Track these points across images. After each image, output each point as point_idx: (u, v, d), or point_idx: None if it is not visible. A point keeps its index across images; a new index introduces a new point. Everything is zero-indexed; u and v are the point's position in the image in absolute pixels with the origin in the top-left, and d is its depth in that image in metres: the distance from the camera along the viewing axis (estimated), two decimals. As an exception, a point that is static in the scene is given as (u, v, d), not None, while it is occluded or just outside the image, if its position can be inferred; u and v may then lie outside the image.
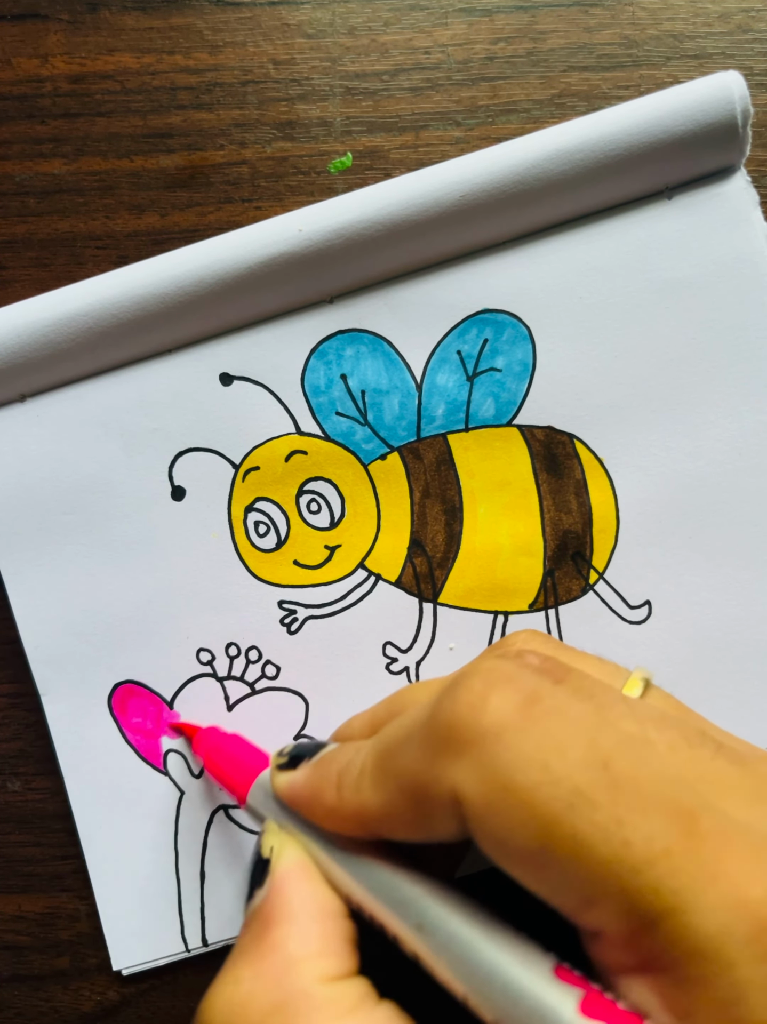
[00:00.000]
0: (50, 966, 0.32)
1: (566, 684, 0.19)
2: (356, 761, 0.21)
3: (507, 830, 0.17)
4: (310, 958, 0.20)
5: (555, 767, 0.17)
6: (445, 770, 0.18)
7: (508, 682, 0.18)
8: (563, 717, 0.18)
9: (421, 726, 0.19)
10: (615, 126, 0.30)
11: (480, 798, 0.17)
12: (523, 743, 0.17)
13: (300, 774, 0.22)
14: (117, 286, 0.30)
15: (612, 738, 0.17)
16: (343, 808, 0.20)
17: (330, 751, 0.23)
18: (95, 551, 0.32)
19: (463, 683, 0.19)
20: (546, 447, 0.32)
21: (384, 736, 0.21)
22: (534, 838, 0.17)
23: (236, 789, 0.26)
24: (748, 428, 0.31)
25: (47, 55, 0.34)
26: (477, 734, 0.18)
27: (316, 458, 0.32)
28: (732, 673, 0.31)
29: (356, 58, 0.33)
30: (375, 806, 0.20)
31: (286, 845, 0.22)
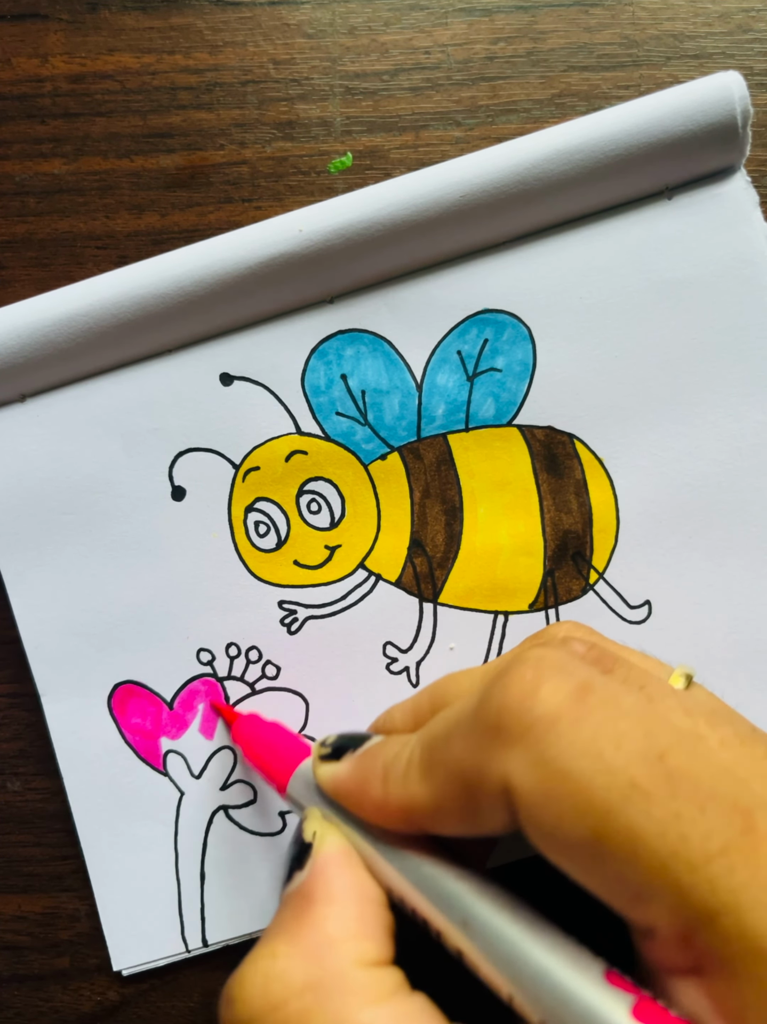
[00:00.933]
0: (50, 966, 0.32)
1: (615, 674, 0.19)
2: (403, 754, 0.21)
3: (560, 821, 0.17)
4: (349, 940, 0.19)
5: (611, 758, 0.16)
6: (496, 760, 0.18)
7: (559, 671, 0.18)
8: (617, 707, 0.17)
9: (470, 716, 0.19)
10: (615, 126, 0.30)
11: (533, 788, 0.17)
12: (577, 733, 0.17)
13: (344, 767, 0.22)
14: (117, 286, 0.30)
15: (667, 731, 0.17)
16: (390, 802, 0.20)
17: (375, 744, 0.22)
18: (95, 551, 0.32)
19: (514, 671, 0.18)
20: (546, 447, 0.32)
21: (432, 728, 0.20)
22: (588, 830, 0.16)
23: (276, 778, 0.26)
24: (748, 428, 0.31)
25: (47, 55, 0.34)
26: (529, 723, 0.17)
27: (316, 458, 0.32)
28: (732, 673, 0.31)
29: (356, 58, 0.33)
30: (423, 799, 0.19)
31: (329, 831, 0.22)
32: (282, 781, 0.25)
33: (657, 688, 0.18)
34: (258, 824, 0.32)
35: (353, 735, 0.24)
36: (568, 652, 0.19)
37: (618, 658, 0.19)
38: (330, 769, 0.23)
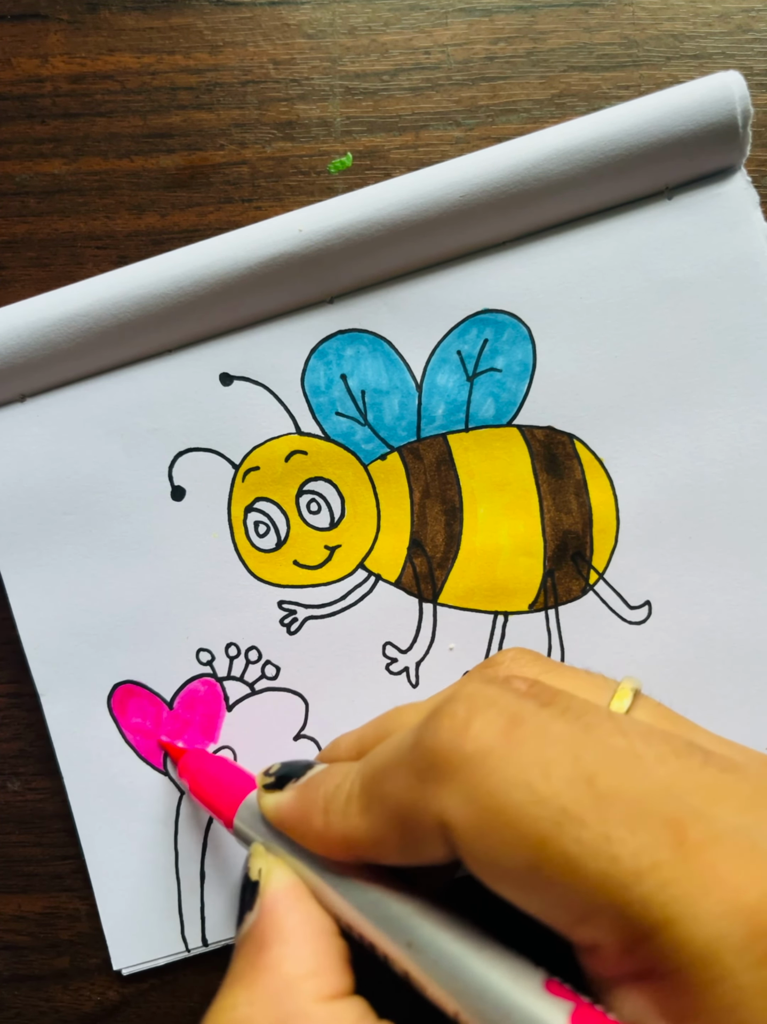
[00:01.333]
0: (50, 966, 0.32)
1: (553, 706, 0.19)
2: (344, 785, 0.21)
3: (496, 853, 0.17)
4: (306, 977, 0.19)
5: (540, 787, 0.17)
6: (432, 796, 0.18)
7: (490, 706, 0.18)
8: (546, 737, 0.18)
9: (407, 751, 0.19)
10: (615, 126, 0.30)
11: (468, 823, 0.17)
12: (507, 766, 0.17)
13: (287, 796, 0.22)
14: (117, 286, 0.30)
15: (597, 754, 0.17)
16: (330, 833, 0.20)
17: (317, 773, 0.22)
18: (95, 551, 0.32)
19: (446, 708, 0.19)
20: (546, 447, 0.32)
21: (370, 761, 0.21)
22: (523, 859, 0.17)
23: (223, 811, 0.26)
24: (748, 428, 0.31)
25: (47, 55, 0.34)
26: (461, 759, 0.18)
27: (316, 458, 0.32)
28: (732, 673, 0.31)
29: (356, 58, 0.33)
30: (362, 832, 0.20)
31: (274, 867, 0.22)
32: (228, 815, 0.25)
33: (594, 716, 0.18)
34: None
35: (296, 763, 0.24)
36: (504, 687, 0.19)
37: (557, 692, 0.19)
38: (274, 799, 0.23)
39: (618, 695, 0.21)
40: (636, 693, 0.21)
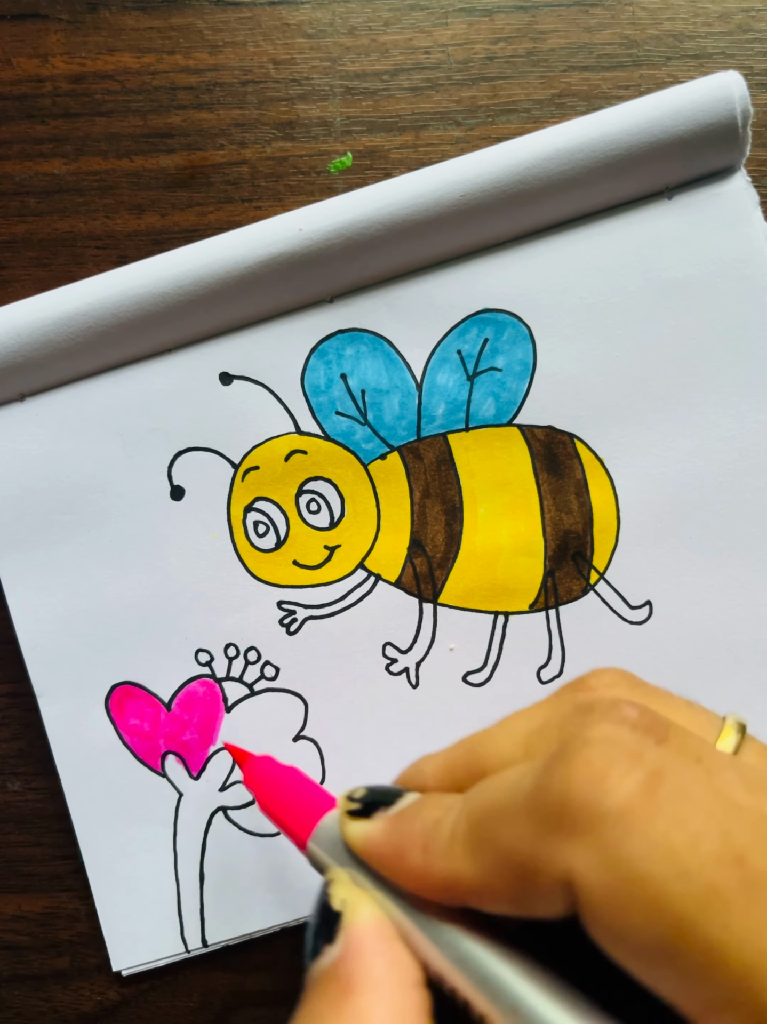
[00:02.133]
0: (50, 966, 0.32)
1: (670, 744, 0.18)
2: (446, 822, 0.19)
3: (630, 924, 0.16)
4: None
5: (687, 860, 0.16)
6: (559, 851, 0.17)
7: (627, 755, 0.17)
8: (689, 800, 0.16)
9: (527, 797, 0.18)
10: (615, 126, 0.30)
11: (600, 886, 0.16)
12: (650, 830, 0.16)
13: (378, 827, 0.21)
14: (117, 286, 0.30)
15: (742, 825, 0.16)
16: (431, 874, 0.19)
17: (412, 804, 0.21)
18: (94, 551, 0.32)
19: (579, 755, 0.17)
20: (546, 447, 0.32)
21: (480, 801, 0.19)
22: (660, 937, 0.15)
23: (296, 831, 0.24)
24: (748, 428, 0.31)
25: (47, 55, 0.34)
26: (598, 816, 0.16)
27: (316, 458, 0.32)
28: (732, 673, 0.31)
29: (356, 58, 0.33)
30: (470, 877, 0.18)
31: (361, 900, 0.21)
32: (302, 835, 0.24)
33: (713, 760, 0.18)
34: (257, 825, 0.31)
35: (384, 790, 0.22)
36: (624, 723, 0.18)
37: (670, 724, 0.18)
38: (361, 828, 0.21)
39: (724, 733, 0.20)
40: (742, 730, 0.20)
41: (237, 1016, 0.32)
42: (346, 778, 0.31)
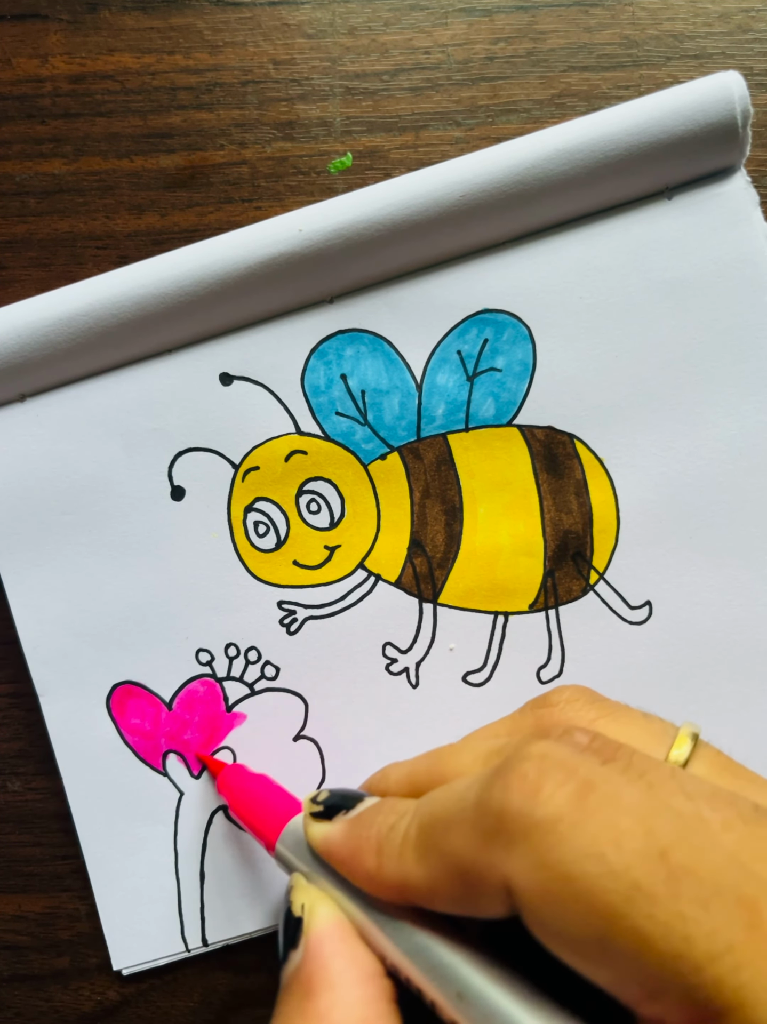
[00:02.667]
0: (50, 966, 0.32)
1: (616, 762, 0.18)
2: (399, 827, 0.20)
3: (564, 922, 0.17)
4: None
5: (613, 859, 0.16)
6: (497, 858, 0.18)
7: (560, 769, 0.18)
8: (617, 805, 0.17)
9: (471, 808, 0.19)
10: (615, 126, 0.30)
11: (535, 889, 0.17)
12: (579, 835, 0.17)
13: (337, 829, 0.22)
14: (117, 286, 0.30)
15: (668, 824, 0.17)
16: (383, 875, 0.20)
17: (369, 808, 0.22)
18: (94, 551, 0.32)
19: (515, 769, 0.18)
20: (546, 447, 0.32)
21: (429, 808, 0.20)
22: (593, 932, 0.16)
23: (264, 834, 0.25)
24: (748, 428, 0.31)
25: (47, 55, 0.34)
26: (531, 824, 0.17)
27: (316, 458, 0.32)
28: (732, 673, 0.31)
29: (356, 58, 0.33)
30: (418, 880, 0.19)
31: (318, 902, 0.22)
32: (270, 838, 0.25)
33: (657, 774, 0.18)
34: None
35: (345, 793, 0.23)
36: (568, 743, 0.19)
37: (619, 746, 0.19)
38: (322, 829, 0.22)
39: (677, 743, 0.21)
40: (695, 738, 0.21)
41: (237, 1016, 0.32)
42: (346, 778, 0.32)
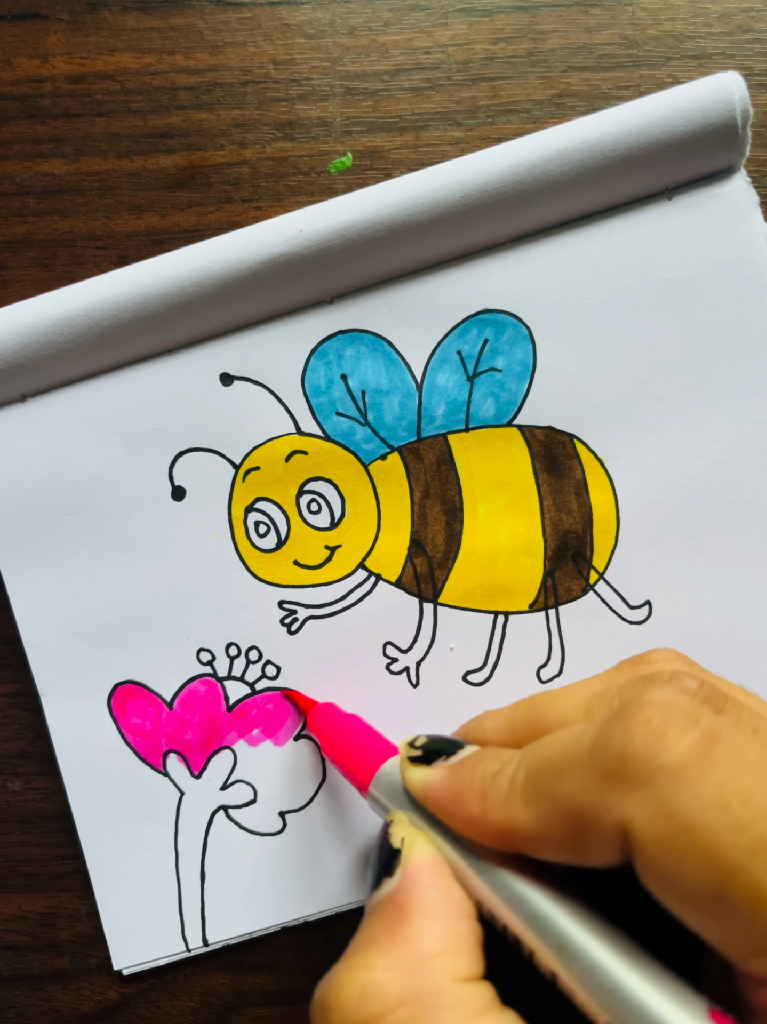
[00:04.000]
0: (50, 966, 0.32)
1: (727, 714, 0.18)
2: (506, 773, 0.20)
3: (683, 872, 0.17)
4: (444, 955, 0.19)
5: (738, 812, 0.16)
6: (616, 802, 0.17)
7: (685, 717, 0.18)
8: (743, 759, 0.17)
9: (587, 751, 0.18)
10: (615, 126, 0.30)
11: (655, 835, 0.17)
12: (704, 784, 0.17)
13: (438, 774, 0.22)
14: (117, 286, 0.30)
15: None
16: (489, 821, 0.20)
17: (472, 754, 0.22)
18: (95, 551, 0.32)
19: (638, 714, 0.18)
20: (546, 447, 0.32)
21: (539, 753, 0.20)
22: (711, 884, 0.16)
23: (358, 775, 0.25)
24: (748, 428, 0.31)
25: (47, 55, 0.34)
26: (655, 769, 0.17)
27: (316, 458, 0.32)
28: (733, 673, 0.31)
29: (356, 58, 0.33)
30: (526, 825, 0.19)
31: (418, 839, 0.22)
32: (364, 779, 0.25)
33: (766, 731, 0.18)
34: (258, 824, 0.32)
35: (446, 739, 0.23)
36: (684, 691, 0.19)
37: (728, 696, 0.19)
38: (421, 774, 0.22)
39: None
40: None
41: (237, 1016, 0.32)
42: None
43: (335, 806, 0.31)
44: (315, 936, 0.32)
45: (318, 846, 0.31)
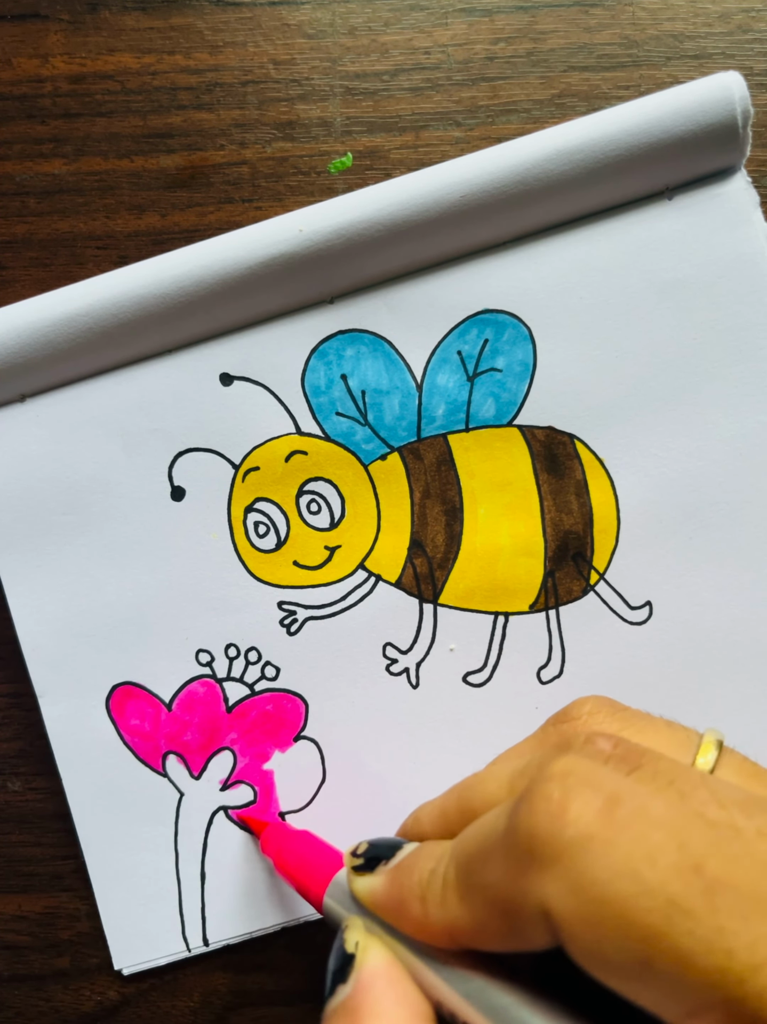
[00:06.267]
0: (50, 966, 0.32)
1: (644, 770, 0.18)
2: (439, 872, 0.20)
3: (603, 945, 0.16)
4: None
5: (647, 877, 0.16)
6: (532, 885, 0.17)
7: (585, 785, 0.18)
8: (647, 818, 0.17)
9: (501, 837, 0.18)
10: (615, 126, 0.30)
11: (572, 912, 0.17)
12: (611, 853, 0.17)
13: (380, 881, 0.22)
14: (117, 286, 0.30)
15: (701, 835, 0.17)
16: (430, 921, 0.20)
17: (408, 856, 0.22)
18: (94, 551, 0.32)
19: (539, 791, 0.18)
20: (547, 447, 0.32)
21: (464, 847, 0.20)
22: (633, 953, 0.16)
23: (311, 891, 0.26)
24: (748, 428, 0.31)
25: (47, 55, 0.34)
26: (561, 846, 0.17)
27: (316, 458, 0.32)
28: (733, 674, 0.31)
29: (356, 58, 0.33)
30: (464, 922, 0.19)
31: (372, 944, 0.22)
32: (318, 893, 0.25)
33: (686, 781, 0.18)
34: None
35: (383, 843, 0.23)
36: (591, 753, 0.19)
37: (643, 751, 0.19)
38: (366, 883, 0.22)
39: (702, 750, 0.20)
40: (720, 745, 0.20)
41: (237, 1016, 0.32)
42: (346, 778, 0.32)
43: (335, 806, 0.31)
44: (315, 936, 0.32)
45: (318, 846, 0.31)
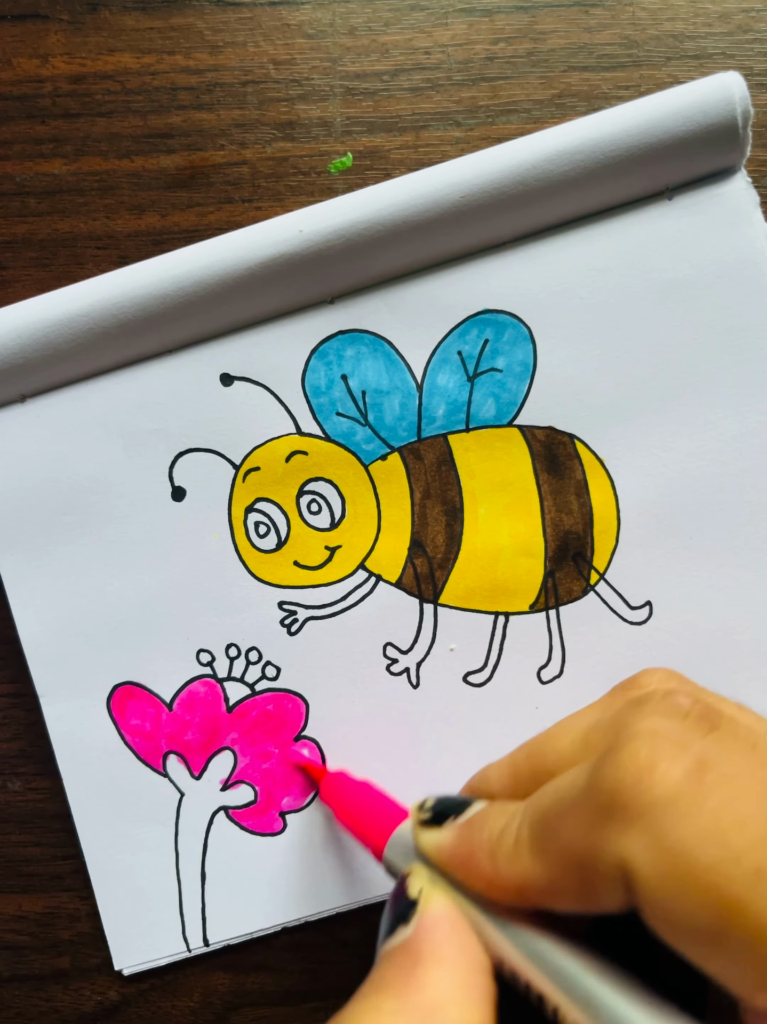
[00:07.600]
0: (50, 966, 0.32)
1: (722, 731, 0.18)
2: (511, 827, 0.20)
3: (683, 908, 0.16)
4: (455, 1004, 0.19)
5: (734, 843, 0.16)
6: (613, 841, 0.17)
7: (675, 745, 0.18)
8: (736, 785, 0.17)
9: (582, 793, 0.18)
10: (615, 127, 0.30)
11: (652, 871, 0.17)
12: (698, 815, 0.16)
13: (448, 836, 0.22)
14: (117, 286, 0.30)
15: None
16: (501, 878, 0.20)
17: (479, 812, 0.22)
18: (95, 552, 0.32)
19: (627, 747, 0.18)
20: (547, 447, 0.32)
21: (540, 803, 0.20)
22: (712, 919, 0.16)
23: (372, 842, 0.25)
24: (748, 428, 0.31)
25: (47, 55, 0.34)
26: (647, 804, 0.17)
27: (316, 458, 0.32)
28: (733, 674, 0.31)
29: (356, 58, 0.33)
30: (536, 878, 0.19)
31: (436, 892, 0.21)
32: (378, 844, 0.25)
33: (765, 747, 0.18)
34: (258, 824, 0.32)
35: (452, 799, 0.23)
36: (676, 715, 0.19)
37: (723, 714, 0.19)
38: (433, 837, 0.22)
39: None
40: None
41: (237, 1016, 0.32)
42: (347, 778, 0.32)
43: (335, 806, 0.31)
44: (315, 936, 0.32)
45: (318, 846, 0.31)
